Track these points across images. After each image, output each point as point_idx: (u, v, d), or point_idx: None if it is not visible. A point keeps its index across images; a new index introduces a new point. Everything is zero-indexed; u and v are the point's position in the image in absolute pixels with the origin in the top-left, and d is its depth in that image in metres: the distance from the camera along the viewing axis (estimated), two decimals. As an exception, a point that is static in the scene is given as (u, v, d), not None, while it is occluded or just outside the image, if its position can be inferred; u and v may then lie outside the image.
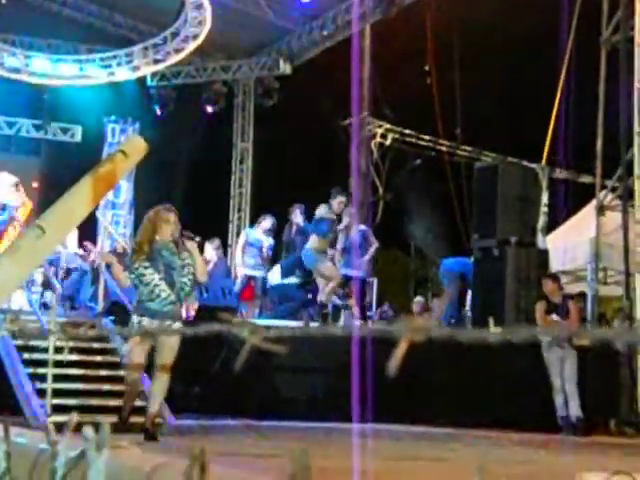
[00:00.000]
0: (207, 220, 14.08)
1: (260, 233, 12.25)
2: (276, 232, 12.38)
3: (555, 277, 10.48)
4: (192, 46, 14.38)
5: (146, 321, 6.57)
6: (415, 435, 7.67)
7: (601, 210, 11.17)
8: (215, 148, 16.66)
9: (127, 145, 2.54)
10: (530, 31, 13.58)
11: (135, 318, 6.68)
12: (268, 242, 12.28)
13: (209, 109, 16.92)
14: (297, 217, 12.03)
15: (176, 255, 6.70)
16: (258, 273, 12.15)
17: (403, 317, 1.21)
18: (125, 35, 15.50)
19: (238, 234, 15.38)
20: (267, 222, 12.29)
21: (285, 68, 16.36)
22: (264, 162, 17.17)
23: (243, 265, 12.14)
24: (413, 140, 15.31)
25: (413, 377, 8.90)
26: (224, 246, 14.52)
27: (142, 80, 15.77)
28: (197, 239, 7.12)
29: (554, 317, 9.93)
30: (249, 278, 12.19)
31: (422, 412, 8.71)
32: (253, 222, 13.85)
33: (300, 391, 8.62)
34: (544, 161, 12.88)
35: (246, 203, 17.30)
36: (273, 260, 12.50)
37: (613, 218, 11.01)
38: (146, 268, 6.62)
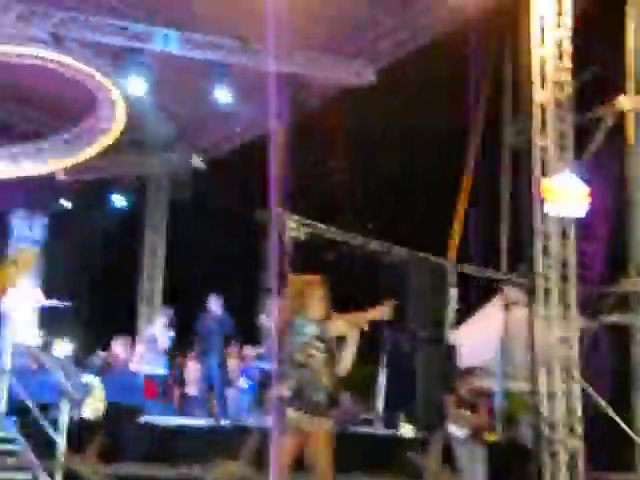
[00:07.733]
0: (116, 316, 13.88)
1: (157, 328, 12.31)
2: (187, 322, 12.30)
3: (468, 373, 10.72)
4: (104, 142, 14.29)
5: (305, 418, 5.22)
6: None
7: (507, 306, 11.38)
8: (126, 243, 16.46)
9: (19, 256, 2.55)
10: (438, 128, 13.97)
11: (292, 413, 5.24)
12: (166, 336, 12.36)
13: (121, 203, 16.78)
14: (214, 305, 11.96)
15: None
16: (157, 370, 12.04)
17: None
18: (35, 129, 15.32)
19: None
20: (163, 318, 12.52)
21: (199, 163, 16.36)
22: (177, 256, 17.00)
23: (142, 362, 12.01)
24: (325, 234, 15.33)
25: None
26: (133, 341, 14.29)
27: (51, 173, 15.57)
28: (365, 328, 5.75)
29: (464, 412, 10.04)
30: (149, 376, 12.12)
31: None
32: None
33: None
34: (453, 258, 13.10)
35: (158, 297, 16.95)
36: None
37: (518, 313, 11.20)
38: (317, 349, 5.38)
